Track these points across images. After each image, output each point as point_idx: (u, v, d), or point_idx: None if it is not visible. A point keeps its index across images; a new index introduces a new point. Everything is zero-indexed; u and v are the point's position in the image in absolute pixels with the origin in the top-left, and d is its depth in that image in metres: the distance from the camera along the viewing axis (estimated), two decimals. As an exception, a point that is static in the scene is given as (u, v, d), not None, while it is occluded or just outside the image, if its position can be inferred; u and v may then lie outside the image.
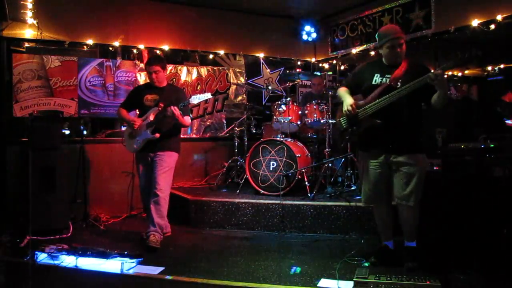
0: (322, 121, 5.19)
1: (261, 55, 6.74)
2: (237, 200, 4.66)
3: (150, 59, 4.25)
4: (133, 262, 3.36)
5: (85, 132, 5.40)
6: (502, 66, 7.43)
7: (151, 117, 4.02)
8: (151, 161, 4.09)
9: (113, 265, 3.29)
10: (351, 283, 2.85)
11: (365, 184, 3.36)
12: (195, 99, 3.92)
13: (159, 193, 3.97)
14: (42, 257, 3.41)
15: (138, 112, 4.29)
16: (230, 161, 5.77)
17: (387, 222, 3.38)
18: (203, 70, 6.37)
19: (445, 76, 2.91)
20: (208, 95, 3.99)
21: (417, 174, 3.12)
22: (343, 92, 3.41)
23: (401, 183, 3.14)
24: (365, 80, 3.31)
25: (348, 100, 3.29)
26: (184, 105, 3.94)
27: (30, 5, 4.91)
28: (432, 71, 2.92)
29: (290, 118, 5.15)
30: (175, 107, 3.84)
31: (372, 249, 3.53)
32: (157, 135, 3.99)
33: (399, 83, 3.10)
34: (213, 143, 6.44)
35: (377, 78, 3.25)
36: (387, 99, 3.09)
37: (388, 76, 3.19)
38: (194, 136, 6.34)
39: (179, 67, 6.21)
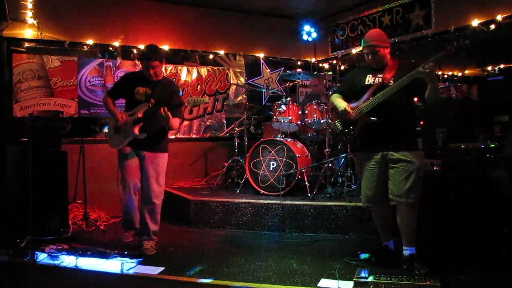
0: (322, 121, 5.19)
1: (261, 55, 6.74)
2: (237, 200, 4.65)
3: (147, 52, 3.71)
4: (133, 262, 3.36)
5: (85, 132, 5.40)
6: (502, 66, 7.41)
7: (140, 114, 3.67)
8: (140, 162, 3.80)
9: (113, 265, 3.29)
10: (351, 283, 2.86)
11: (364, 184, 3.35)
12: (191, 102, 3.74)
13: (155, 201, 3.78)
14: (42, 257, 3.41)
15: (125, 103, 3.91)
16: (230, 161, 5.77)
17: (387, 222, 3.38)
18: (203, 70, 6.37)
19: (434, 69, 2.94)
20: (205, 99, 3.78)
21: (416, 170, 3.11)
22: (334, 97, 3.45)
23: (399, 179, 3.13)
24: (358, 81, 3.34)
25: (341, 103, 3.31)
26: (177, 105, 3.67)
27: (30, 5, 4.91)
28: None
29: (290, 118, 5.16)
30: (165, 111, 3.50)
31: (372, 249, 3.53)
32: (143, 135, 3.68)
33: (391, 81, 3.14)
34: (213, 143, 6.44)
35: (369, 78, 3.29)
36: (380, 96, 3.12)
37: (380, 76, 3.22)
38: (194, 136, 6.34)
39: (179, 67, 6.21)
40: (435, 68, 2.94)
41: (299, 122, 5.29)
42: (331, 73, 7.03)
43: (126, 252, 3.49)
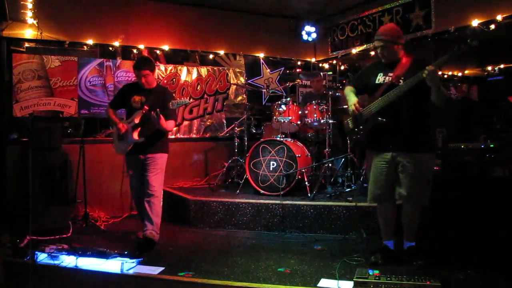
0: (322, 121, 5.19)
1: (261, 55, 6.74)
2: (237, 200, 4.65)
3: (139, 62, 4.10)
4: (133, 262, 3.36)
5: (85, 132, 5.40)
6: (502, 66, 7.43)
7: (136, 120, 3.98)
8: (142, 164, 4.05)
9: (113, 265, 3.28)
10: (351, 283, 2.85)
11: (371, 183, 3.32)
12: (174, 105, 3.86)
13: (153, 193, 3.98)
14: (42, 257, 3.41)
15: (125, 112, 4.23)
16: (230, 161, 5.76)
17: (390, 222, 3.36)
18: (203, 70, 6.37)
19: (439, 71, 2.88)
20: (186, 101, 3.99)
21: (424, 174, 3.10)
22: (348, 91, 3.43)
23: (407, 183, 3.13)
24: (370, 79, 3.33)
25: (352, 99, 3.32)
26: (164, 110, 3.86)
27: (30, 5, 4.90)
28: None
29: (290, 118, 5.15)
30: (156, 113, 3.78)
31: (372, 249, 3.52)
32: (142, 139, 3.95)
33: (401, 81, 3.09)
34: (213, 143, 6.44)
35: (380, 77, 3.26)
36: (388, 96, 3.09)
37: (391, 74, 3.18)
38: (194, 136, 6.34)
39: (179, 67, 6.21)
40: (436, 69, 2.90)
41: (299, 122, 5.29)
42: (331, 73, 7.05)
43: (126, 252, 3.48)
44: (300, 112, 5.31)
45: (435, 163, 3.27)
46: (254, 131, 5.98)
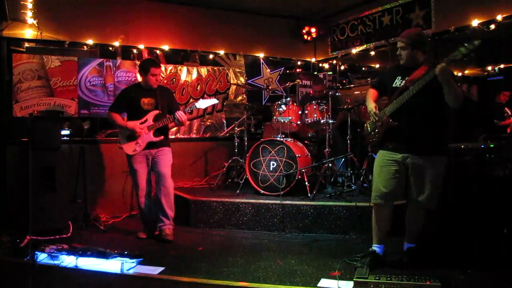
0: (322, 121, 5.19)
1: (261, 55, 6.74)
2: (237, 200, 4.65)
3: (155, 62, 4.30)
4: (133, 262, 3.36)
5: (85, 132, 5.40)
6: (502, 66, 7.43)
7: (151, 120, 4.18)
8: (152, 159, 4.23)
9: (113, 265, 3.28)
10: (351, 283, 2.86)
11: (379, 181, 3.26)
12: (203, 104, 4.18)
13: (168, 186, 4.19)
14: (42, 257, 3.41)
15: (127, 115, 4.36)
16: (230, 161, 5.77)
17: (385, 225, 3.31)
18: (203, 70, 6.37)
19: (447, 69, 2.83)
20: (214, 101, 4.29)
21: (435, 177, 3.10)
22: (368, 96, 3.46)
23: (418, 186, 3.13)
24: (389, 82, 3.33)
25: (370, 105, 3.34)
26: (191, 110, 4.27)
27: (30, 5, 4.90)
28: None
29: (290, 118, 5.16)
30: (182, 113, 4.11)
31: (360, 254, 3.44)
32: (162, 137, 4.19)
33: (415, 84, 3.05)
34: (213, 143, 6.44)
35: (397, 81, 3.25)
36: (400, 99, 3.09)
37: (407, 78, 3.16)
38: (194, 136, 6.34)
39: (179, 67, 6.21)
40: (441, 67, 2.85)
41: (299, 122, 5.29)
42: (331, 73, 7.05)
43: (126, 252, 3.48)
44: (300, 112, 5.31)
45: (445, 164, 3.20)
46: (254, 131, 5.98)
